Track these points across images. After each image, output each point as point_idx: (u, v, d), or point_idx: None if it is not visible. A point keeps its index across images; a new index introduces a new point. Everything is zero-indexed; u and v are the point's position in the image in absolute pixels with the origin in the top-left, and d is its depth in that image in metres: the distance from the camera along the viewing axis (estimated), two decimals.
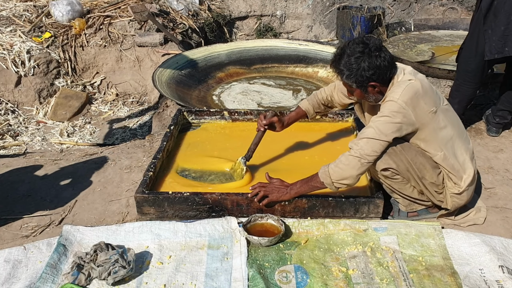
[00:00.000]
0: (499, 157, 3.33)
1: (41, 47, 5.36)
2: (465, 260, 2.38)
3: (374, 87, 2.35)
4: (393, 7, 6.05)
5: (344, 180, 2.34)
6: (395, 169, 2.40)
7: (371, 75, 2.28)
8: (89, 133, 4.80)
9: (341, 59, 2.32)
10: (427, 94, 2.33)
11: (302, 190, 2.51)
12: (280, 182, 2.59)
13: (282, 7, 7.31)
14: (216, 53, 5.32)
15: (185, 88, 4.68)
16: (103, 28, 5.75)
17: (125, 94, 5.56)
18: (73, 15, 5.74)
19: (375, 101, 2.43)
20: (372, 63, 2.26)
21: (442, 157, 2.41)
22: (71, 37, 5.63)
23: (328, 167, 2.37)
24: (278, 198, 2.55)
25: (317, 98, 2.89)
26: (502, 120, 3.62)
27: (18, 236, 2.59)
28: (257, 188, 2.59)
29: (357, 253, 2.42)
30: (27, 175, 3.17)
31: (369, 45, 2.28)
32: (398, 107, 2.26)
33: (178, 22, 6.17)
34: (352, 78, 2.31)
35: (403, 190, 2.54)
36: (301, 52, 5.44)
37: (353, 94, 2.45)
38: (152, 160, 2.93)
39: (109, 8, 6.02)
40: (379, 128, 2.28)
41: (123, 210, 2.83)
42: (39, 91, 5.13)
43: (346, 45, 2.35)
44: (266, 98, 4.62)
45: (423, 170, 2.43)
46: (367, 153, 2.29)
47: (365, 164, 2.31)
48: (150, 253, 2.43)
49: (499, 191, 2.97)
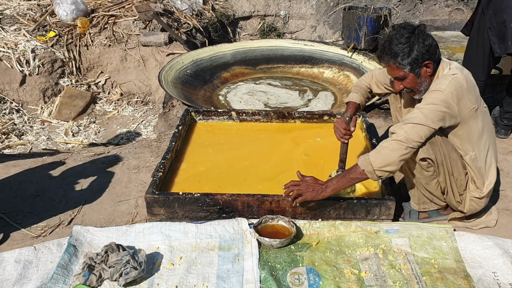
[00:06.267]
0: (509, 159, 3.32)
1: (46, 46, 5.34)
2: (478, 263, 2.37)
3: (427, 67, 2.32)
4: (398, 8, 6.05)
5: (387, 167, 2.25)
6: (432, 160, 2.36)
7: (426, 51, 2.27)
8: (94, 133, 4.78)
9: (391, 45, 2.29)
10: (471, 91, 2.32)
11: (339, 185, 2.40)
12: (314, 180, 2.49)
13: (285, 7, 7.30)
14: (221, 53, 5.30)
15: (191, 88, 4.66)
16: (108, 27, 5.73)
17: (129, 93, 5.55)
18: (78, 14, 5.72)
19: (424, 89, 2.37)
20: (424, 41, 2.27)
21: (473, 158, 2.41)
22: (76, 36, 5.61)
23: (369, 155, 2.30)
24: (313, 198, 2.43)
25: (363, 88, 2.82)
26: (510, 122, 3.61)
27: (28, 237, 2.57)
28: (290, 187, 2.50)
29: (369, 255, 2.41)
30: (34, 175, 3.15)
31: (415, 27, 2.30)
32: (444, 97, 2.24)
33: (183, 22, 6.15)
34: (407, 59, 2.28)
35: (428, 186, 2.50)
36: (307, 52, 5.43)
37: (404, 82, 2.37)
38: (161, 160, 2.91)
39: (113, 8, 6.01)
40: (425, 115, 2.23)
41: (132, 210, 2.82)
42: (44, 90, 5.11)
43: (391, 32, 2.34)
44: (273, 98, 4.60)
45: (454, 166, 2.42)
46: (413, 139, 2.23)
47: (409, 149, 2.24)
48: (161, 254, 2.42)
49: (509, 193, 2.96)
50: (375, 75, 2.78)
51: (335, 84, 4.95)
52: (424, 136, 2.24)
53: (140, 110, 5.27)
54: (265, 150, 3.28)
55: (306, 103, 4.56)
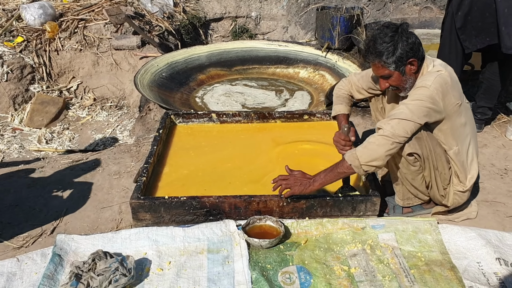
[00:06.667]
0: (484, 152, 3.42)
1: (14, 52, 5.19)
2: (463, 254, 2.43)
3: (412, 65, 2.36)
4: (368, 7, 6.15)
5: (374, 162, 2.29)
6: (419, 155, 2.40)
7: (410, 49, 2.31)
8: (68, 139, 4.66)
9: (376, 44, 2.33)
10: (455, 87, 2.38)
11: (327, 179, 2.43)
12: (302, 174, 2.50)
13: (256, 8, 7.31)
14: (196, 55, 5.28)
15: (167, 91, 4.62)
16: (78, 31, 5.61)
17: (103, 98, 5.44)
18: (46, 18, 5.58)
19: (410, 86, 2.42)
20: (407, 39, 2.31)
21: (456, 152, 2.47)
22: (45, 41, 5.47)
23: (356, 150, 2.33)
24: (301, 192, 2.45)
25: (345, 97, 2.83)
26: (483, 116, 3.73)
27: (9, 248, 2.49)
28: (279, 182, 2.51)
29: (357, 251, 2.44)
30: (12, 184, 3.06)
31: (398, 26, 2.34)
32: (430, 93, 2.28)
33: (154, 25, 6.08)
34: (391, 57, 2.32)
35: (414, 181, 2.55)
36: (281, 53, 5.46)
37: (389, 80, 2.41)
38: (144, 165, 2.87)
39: (82, 11, 5.88)
40: (411, 110, 2.27)
41: (116, 217, 2.77)
42: (14, 97, 4.96)
43: (375, 32, 2.38)
44: (250, 99, 4.61)
45: (439, 161, 2.47)
46: (399, 134, 2.27)
47: (395, 144, 2.28)
48: (149, 260, 2.38)
49: (487, 185, 3.05)
50: (353, 82, 2.80)
51: (311, 83, 4.99)
52: (410, 131, 2.29)
53: (114, 114, 5.18)
54: (247, 151, 3.28)
55: (283, 103, 4.58)
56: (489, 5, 3.25)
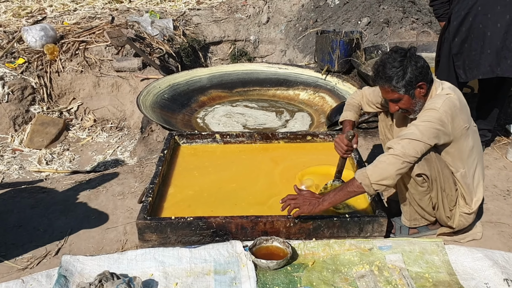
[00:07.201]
0: (486, 173, 3.42)
1: (15, 73, 5.21)
2: (470, 275, 2.43)
3: (421, 88, 2.39)
4: (366, 31, 6.23)
5: (384, 181, 2.30)
6: (427, 176, 2.42)
7: (419, 73, 2.34)
8: (68, 160, 4.65)
9: (385, 69, 2.37)
10: (463, 110, 2.41)
11: (336, 198, 2.43)
12: (311, 194, 2.51)
13: (255, 32, 7.41)
14: (197, 77, 5.32)
15: (169, 112, 4.64)
16: (79, 53, 5.65)
17: (103, 119, 5.45)
18: (47, 40, 5.62)
19: (419, 109, 2.45)
20: (416, 63, 2.35)
21: (463, 174, 2.49)
22: (46, 63, 5.50)
23: (366, 169, 2.35)
24: (310, 211, 2.44)
25: (355, 105, 2.87)
26: (483, 138, 3.76)
27: (13, 269, 2.46)
28: (288, 201, 2.50)
29: (364, 273, 2.43)
30: (15, 204, 3.03)
31: (406, 51, 2.37)
32: (439, 115, 2.31)
33: (155, 47, 6.14)
34: (401, 81, 2.35)
35: (421, 201, 2.56)
36: (281, 75, 5.51)
37: (399, 103, 2.44)
38: (150, 185, 2.86)
39: (83, 34, 5.94)
40: (421, 131, 2.30)
41: (121, 237, 2.75)
42: (14, 118, 4.96)
43: (383, 57, 2.41)
44: (251, 120, 4.63)
45: (446, 182, 2.49)
46: (410, 153, 2.28)
47: (405, 164, 2.29)
48: (156, 281, 2.36)
49: (491, 206, 3.06)
50: (365, 95, 2.84)
51: (311, 105, 5.04)
52: (420, 151, 2.31)
53: (115, 136, 5.18)
54: (251, 171, 3.28)
55: (284, 124, 4.62)
56: (485, 34, 3.25)
